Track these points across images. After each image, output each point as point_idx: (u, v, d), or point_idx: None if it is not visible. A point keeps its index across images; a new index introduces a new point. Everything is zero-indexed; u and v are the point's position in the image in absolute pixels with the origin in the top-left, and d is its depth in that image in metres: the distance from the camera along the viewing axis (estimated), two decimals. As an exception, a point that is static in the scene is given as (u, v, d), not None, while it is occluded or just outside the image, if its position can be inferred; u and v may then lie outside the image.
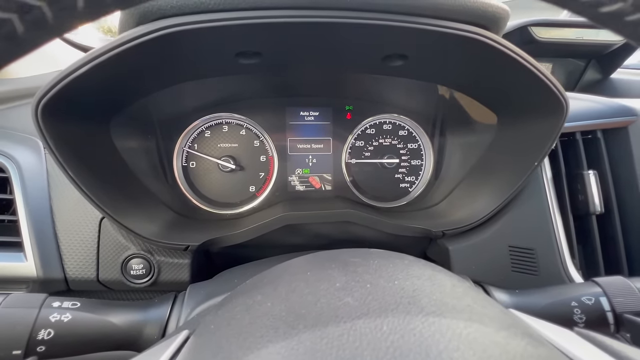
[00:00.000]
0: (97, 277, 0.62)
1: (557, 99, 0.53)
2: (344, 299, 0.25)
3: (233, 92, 0.75)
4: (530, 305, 0.48)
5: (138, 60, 0.47)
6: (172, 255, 0.64)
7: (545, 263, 0.64)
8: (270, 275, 0.34)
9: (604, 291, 0.46)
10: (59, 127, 0.48)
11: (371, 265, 0.31)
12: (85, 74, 0.43)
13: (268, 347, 0.21)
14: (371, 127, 0.84)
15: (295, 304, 0.26)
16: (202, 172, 0.78)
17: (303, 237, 0.74)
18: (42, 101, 0.44)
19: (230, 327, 0.26)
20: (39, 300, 0.39)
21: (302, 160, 0.83)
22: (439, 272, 0.33)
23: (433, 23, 0.45)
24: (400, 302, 0.24)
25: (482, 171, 0.73)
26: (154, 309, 0.46)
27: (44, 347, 0.37)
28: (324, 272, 0.30)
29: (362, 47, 0.55)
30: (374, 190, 0.85)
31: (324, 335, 0.21)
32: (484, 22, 0.47)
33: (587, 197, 0.66)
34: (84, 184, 0.52)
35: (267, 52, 0.55)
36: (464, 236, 0.69)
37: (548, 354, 0.22)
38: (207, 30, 0.43)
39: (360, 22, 0.44)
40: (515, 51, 0.49)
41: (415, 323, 0.22)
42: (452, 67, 0.60)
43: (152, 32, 0.41)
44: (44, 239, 0.60)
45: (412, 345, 0.19)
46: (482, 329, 0.22)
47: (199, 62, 0.56)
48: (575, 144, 0.69)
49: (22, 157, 0.64)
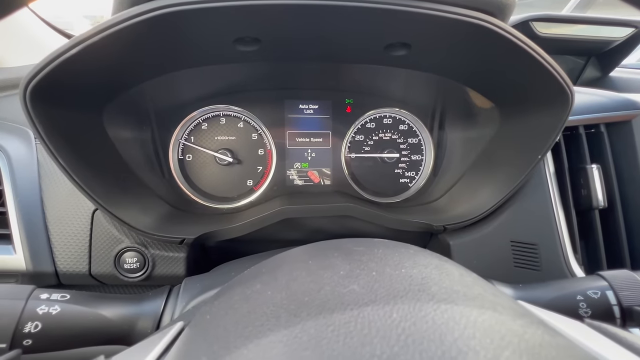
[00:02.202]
0: (89, 270, 0.60)
1: (563, 89, 0.52)
2: (349, 286, 0.23)
3: (231, 83, 0.73)
4: (534, 300, 0.47)
5: (132, 43, 0.45)
6: (167, 248, 0.62)
7: (548, 258, 0.63)
8: (269, 265, 0.32)
9: (610, 285, 0.45)
10: (48, 113, 0.46)
11: (376, 253, 0.30)
12: (77, 56, 0.41)
13: (269, 335, 0.20)
14: (371, 121, 0.82)
15: (297, 292, 0.24)
16: (199, 165, 0.77)
17: (301, 232, 0.72)
18: (31, 84, 0.42)
19: (228, 317, 0.25)
20: (26, 292, 0.38)
21: (301, 154, 0.81)
22: (445, 262, 0.32)
23: (438, 8, 0.44)
24: (410, 289, 0.23)
25: (484, 165, 0.72)
26: (148, 302, 0.44)
27: (31, 340, 0.35)
28: (326, 261, 0.29)
29: (363, 35, 0.54)
30: (373, 185, 0.84)
31: (330, 322, 0.20)
32: (490, 9, 0.46)
33: (590, 192, 0.65)
34: (76, 174, 0.50)
35: (265, 38, 0.53)
36: (465, 231, 0.68)
37: (565, 344, 0.21)
38: (203, 11, 0.41)
39: (363, 6, 0.43)
40: (522, 39, 0.47)
41: (427, 310, 0.20)
42: (456, 56, 0.58)
43: (146, 12, 0.39)
44: (34, 231, 0.58)
45: (426, 333, 0.18)
46: (497, 316, 0.21)
47: (196, 47, 0.54)
48: (578, 137, 0.68)
49: (11, 148, 0.62)
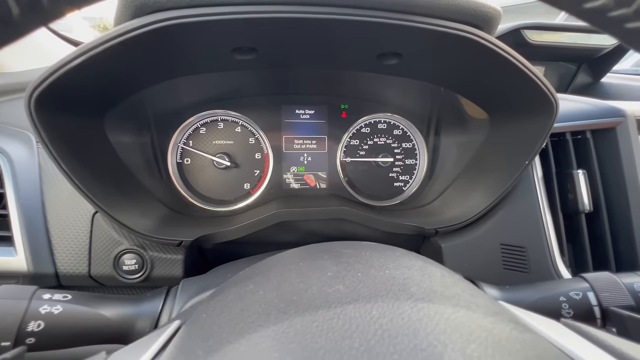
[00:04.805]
0: (89, 272, 0.61)
1: (548, 98, 0.54)
2: (335, 286, 0.25)
3: (229, 89, 0.75)
4: (519, 301, 0.49)
5: (133, 54, 0.47)
6: (165, 250, 0.63)
7: (536, 260, 0.65)
8: (263, 266, 0.34)
9: (591, 286, 0.47)
10: (52, 119, 0.48)
11: (363, 256, 0.32)
12: (80, 66, 0.43)
13: (259, 331, 0.22)
14: (366, 126, 0.84)
15: (287, 291, 0.26)
16: (197, 169, 0.78)
17: (297, 235, 0.74)
18: (36, 92, 0.43)
19: (222, 315, 0.26)
20: (29, 292, 0.39)
21: (297, 159, 0.83)
22: (429, 264, 0.33)
23: (426, 21, 0.46)
24: (390, 289, 0.25)
25: (475, 170, 0.74)
26: (147, 302, 0.46)
27: (34, 339, 0.37)
28: (316, 262, 0.31)
29: (356, 45, 0.56)
30: (368, 189, 0.85)
31: (315, 319, 0.21)
32: (476, 22, 0.48)
33: (577, 196, 0.67)
34: (77, 178, 0.51)
35: (262, 48, 0.55)
36: (456, 234, 0.70)
37: (533, 339, 0.23)
38: (203, 24, 0.43)
39: (354, 19, 0.45)
40: (507, 51, 0.49)
41: (404, 308, 0.22)
42: (445, 66, 0.61)
43: (147, 24, 0.41)
44: (35, 233, 0.60)
45: (401, 328, 0.20)
46: (470, 314, 0.23)
47: (195, 56, 0.56)
48: (565, 144, 0.70)
49: (13, 151, 0.64)
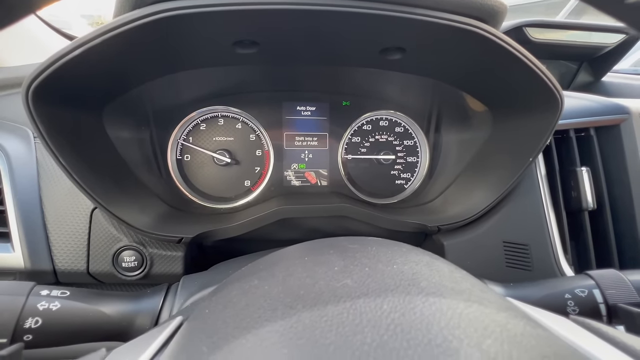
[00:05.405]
0: (88, 269, 0.60)
1: (553, 94, 0.54)
2: (342, 281, 0.25)
3: (230, 85, 0.74)
4: (524, 298, 0.48)
5: (133, 45, 0.46)
6: (165, 247, 0.63)
7: (539, 258, 0.65)
8: (267, 262, 0.34)
9: (596, 283, 0.46)
10: (49, 113, 0.47)
11: (370, 251, 0.31)
12: (78, 58, 0.42)
13: (266, 326, 0.21)
14: (368, 123, 0.84)
15: (293, 286, 0.25)
16: (197, 166, 0.77)
17: (298, 232, 0.73)
18: (33, 84, 0.42)
19: (226, 310, 0.26)
20: (27, 288, 0.38)
21: (298, 155, 0.82)
22: (436, 259, 0.33)
23: (431, 14, 0.45)
24: (400, 283, 0.24)
25: (477, 167, 0.74)
26: (147, 299, 0.45)
27: (31, 335, 0.36)
28: (322, 257, 0.30)
29: (359, 39, 0.55)
30: (369, 186, 0.85)
31: (323, 314, 0.21)
32: (482, 15, 0.47)
33: (580, 194, 0.67)
34: (76, 173, 0.50)
35: (264, 41, 0.54)
36: (459, 231, 0.70)
37: (546, 335, 0.22)
38: (204, 15, 0.42)
39: (359, 12, 0.44)
40: (513, 45, 0.49)
41: (416, 302, 0.21)
42: (450, 61, 0.60)
43: (148, 15, 0.40)
44: (33, 229, 0.59)
45: (414, 323, 0.19)
46: (482, 309, 0.22)
47: (196, 50, 0.55)
48: (568, 141, 0.70)
49: (11, 147, 0.63)
